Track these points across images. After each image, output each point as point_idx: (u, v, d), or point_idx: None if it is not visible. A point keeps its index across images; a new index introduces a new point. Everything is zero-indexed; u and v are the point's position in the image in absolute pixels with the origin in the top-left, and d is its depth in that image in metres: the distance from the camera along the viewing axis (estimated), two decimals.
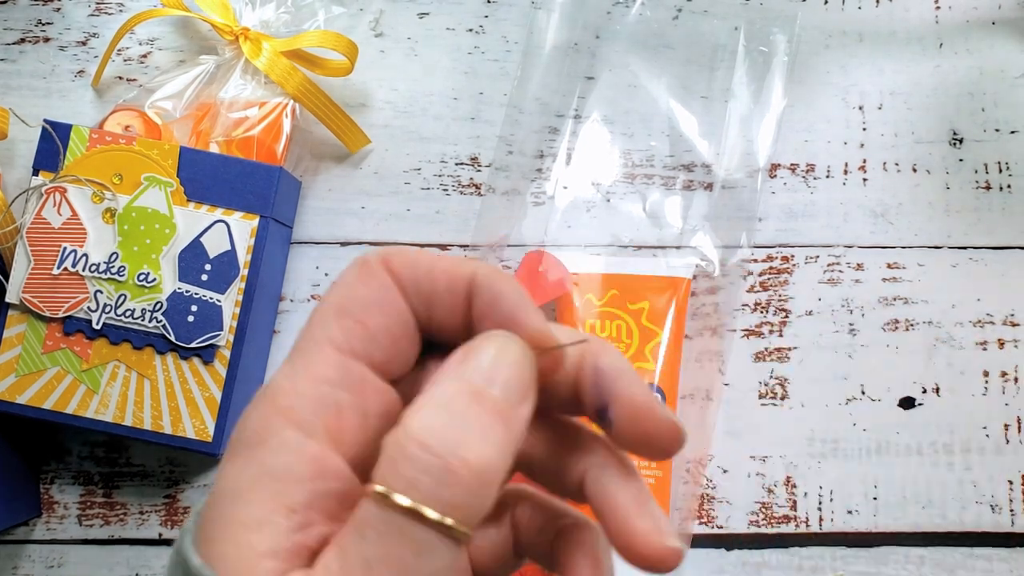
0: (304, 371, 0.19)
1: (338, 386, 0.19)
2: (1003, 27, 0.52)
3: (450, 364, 0.19)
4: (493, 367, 0.19)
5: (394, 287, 0.21)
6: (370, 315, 0.20)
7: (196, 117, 0.47)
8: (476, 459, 0.17)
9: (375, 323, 0.20)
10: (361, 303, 0.20)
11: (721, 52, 0.51)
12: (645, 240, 0.50)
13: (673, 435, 0.20)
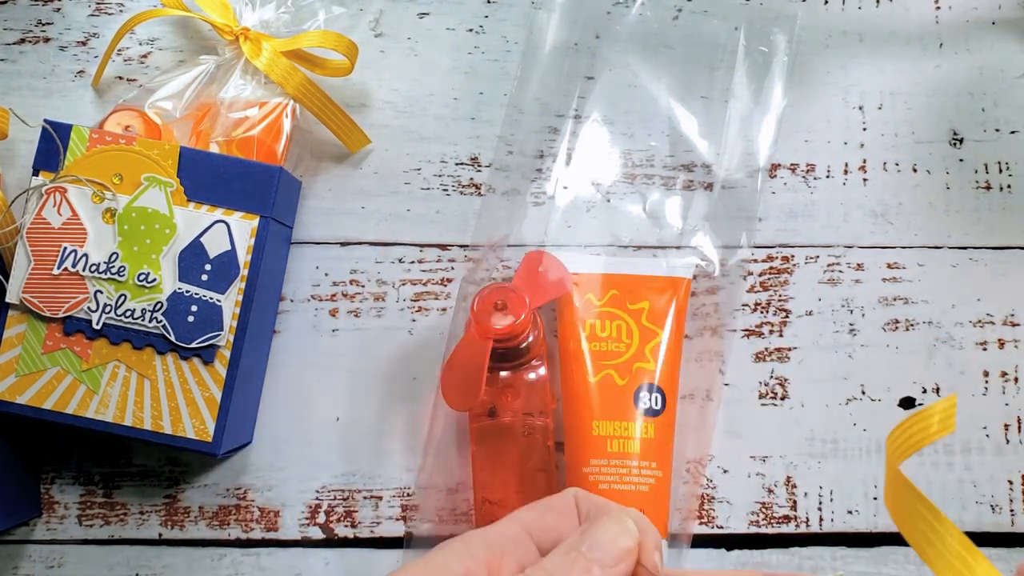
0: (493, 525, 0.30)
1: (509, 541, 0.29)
2: (1003, 27, 0.52)
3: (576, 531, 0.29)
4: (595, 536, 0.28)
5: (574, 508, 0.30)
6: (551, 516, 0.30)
7: (196, 117, 0.47)
8: None
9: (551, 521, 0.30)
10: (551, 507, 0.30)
11: (721, 52, 0.51)
12: (645, 240, 0.50)
13: None
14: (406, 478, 0.47)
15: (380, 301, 0.49)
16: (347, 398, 0.48)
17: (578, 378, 0.45)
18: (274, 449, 0.48)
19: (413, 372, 0.48)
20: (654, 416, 0.44)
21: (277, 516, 0.47)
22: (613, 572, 0.27)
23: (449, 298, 0.49)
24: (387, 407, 0.48)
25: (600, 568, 0.26)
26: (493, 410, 0.45)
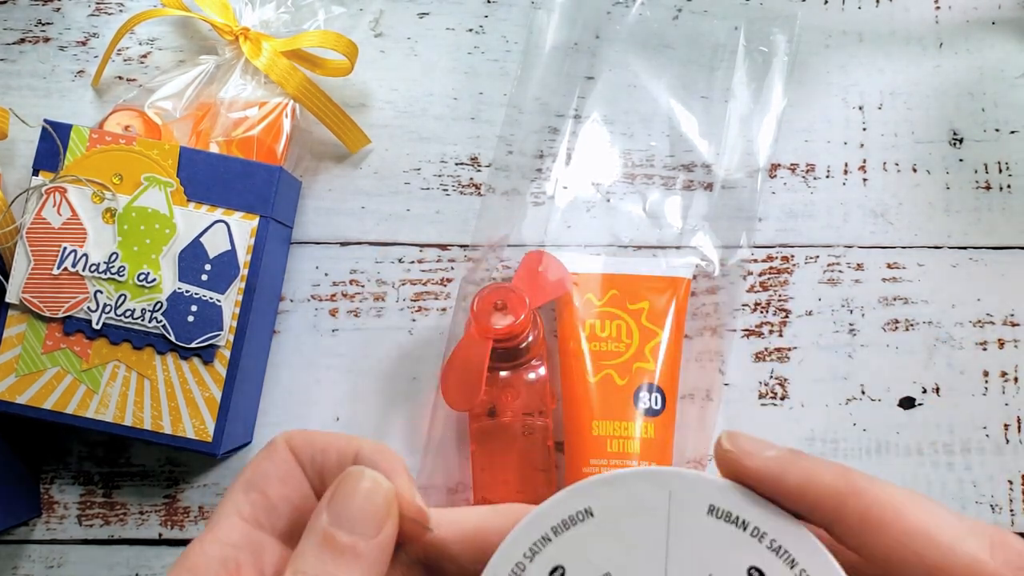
0: (211, 536, 0.23)
1: (239, 548, 0.23)
2: (1003, 27, 0.52)
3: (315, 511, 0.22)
4: (340, 507, 0.22)
5: (295, 463, 0.24)
6: (273, 489, 0.23)
7: (196, 117, 0.47)
8: None
9: (276, 494, 0.23)
10: (265, 477, 0.24)
11: (721, 52, 0.51)
12: (645, 240, 0.50)
13: None
14: None
15: (380, 301, 0.49)
16: (347, 398, 0.48)
17: (578, 378, 0.45)
18: None
19: (413, 372, 0.48)
20: (654, 416, 0.44)
21: None
22: (380, 541, 0.22)
23: (449, 298, 0.49)
24: (387, 407, 0.48)
25: (367, 544, 0.22)
26: (493, 410, 0.45)
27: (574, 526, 0.22)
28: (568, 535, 0.22)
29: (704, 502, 0.21)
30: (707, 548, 0.21)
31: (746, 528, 0.21)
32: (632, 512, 0.21)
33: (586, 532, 0.22)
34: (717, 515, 0.21)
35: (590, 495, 0.22)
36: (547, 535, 0.22)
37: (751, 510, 0.21)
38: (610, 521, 0.22)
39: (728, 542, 0.21)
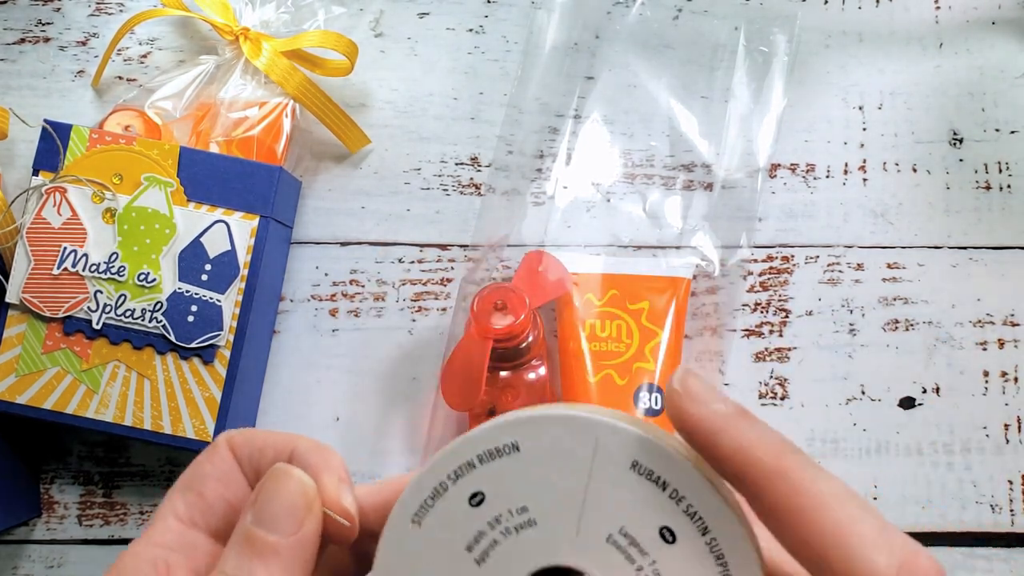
0: (145, 538, 0.23)
1: (172, 549, 0.23)
2: (1003, 27, 0.52)
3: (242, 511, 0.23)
4: (261, 505, 0.22)
5: (234, 462, 0.24)
6: (210, 489, 0.24)
7: (196, 117, 0.47)
8: None
9: (213, 494, 0.24)
10: (203, 478, 0.24)
11: (721, 52, 0.51)
12: (645, 240, 0.50)
13: None
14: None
15: (380, 301, 0.49)
16: (347, 398, 0.48)
17: (578, 378, 0.45)
18: None
19: (413, 372, 0.48)
20: (654, 416, 0.44)
21: None
22: (300, 538, 0.22)
23: (449, 298, 0.49)
24: (387, 407, 0.48)
25: (285, 541, 0.22)
26: (493, 410, 0.45)
27: (500, 458, 0.22)
28: (493, 465, 0.22)
29: (629, 457, 0.22)
30: (624, 501, 0.21)
31: (665, 488, 0.21)
32: (557, 455, 0.22)
33: (510, 465, 0.22)
34: (639, 471, 0.22)
35: (519, 431, 0.22)
36: (472, 461, 0.22)
37: (673, 472, 0.21)
38: (534, 459, 0.22)
39: (645, 499, 0.21)
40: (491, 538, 0.22)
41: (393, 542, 0.22)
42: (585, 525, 0.22)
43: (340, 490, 0.23)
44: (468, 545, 0.22)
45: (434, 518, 0.22)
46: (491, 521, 0.22)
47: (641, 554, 0.22)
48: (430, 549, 0.22)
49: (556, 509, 0.22)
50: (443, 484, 0.22)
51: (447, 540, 0.22)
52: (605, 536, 0.22)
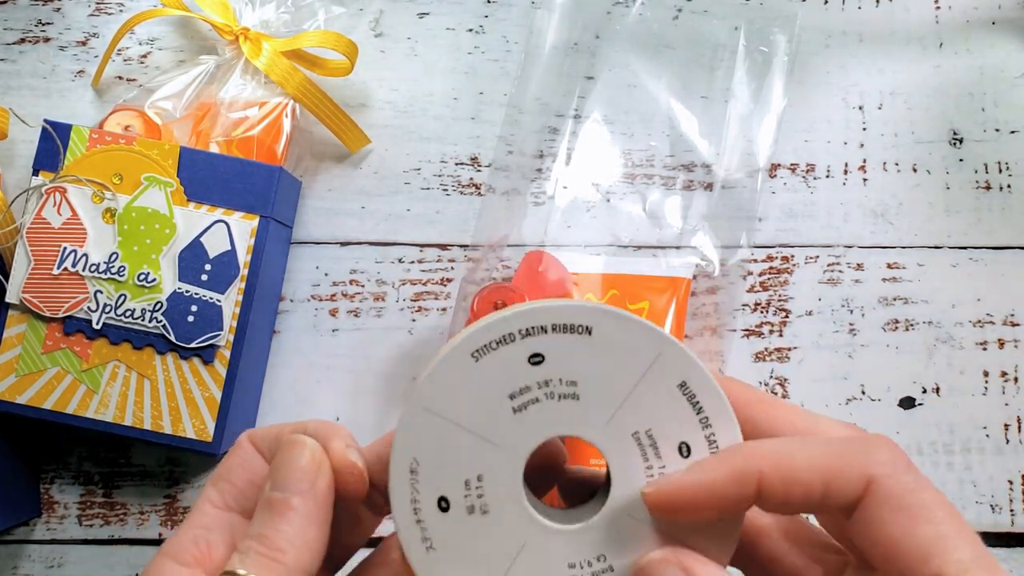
0: (186, 524, 0.26)
1: (210, 528, 0.26)
2: (1003, 27, 0.52)
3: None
4: (276, 473, 0.25)
5: (256, 453, 0.27)
6: (238, 476, 0.27)
7: (196, 117, 0.47)
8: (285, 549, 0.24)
9: (242, 481, 0.26)
10: (231, 469, 0.27)
11: (721, 52, 0.51)
12: (645, 240, 0.50)
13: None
14: None
15: (380, 301, 0.49)
16: (347, 398, 0.48)
17: None
18: None
19: (413, 372, 0.48)
20: None
21: None
22: (314, 494, 0.25)
23: (449, 298, 0.49)
24: (387, 407, 0.48)
25: (300, 500, 0.24)
26: None
27: (571, 333, 0.24)
28: (563, 337, 0.24)
29: (681, 376, 0.24)
30: (660, 409, 0.24)
31: (699, 413, 0.24)
32: (621, 351, 0.24)
33: (577, 343, 0.24)
34: (684, 391, 0.24)
35: (597, 318, 0.24)
36: (546, 327, 0.24)
37: (711, 402, 0.24)
38: (600, 346, 0.24)
39: (679, 415, 0.24)
40: (534, 395, 0.24)
41: (448, 365, 0.24)
42: (619, 416, 0.24)
43: (347, 451, 0.26)
44: (512, 393, 0.24)
45: (492, 359, 0.24)
46: (540, 382, 0.24)
47: (656, 456, 0.24)
48: (478, 383, 0.24)
49: (600, 393, 0.24)
50: (511, 335, 0.24)
51: (496, 381, 0.24)
52: (632, 431, 0.24)
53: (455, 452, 0.24)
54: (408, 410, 0.25)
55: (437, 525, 0.25)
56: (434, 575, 0.25)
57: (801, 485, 0.23)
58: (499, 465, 0.25)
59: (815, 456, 0.23)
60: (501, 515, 0.25)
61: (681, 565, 0.23)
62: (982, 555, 0.21)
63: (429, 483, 0.25)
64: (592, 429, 0.24)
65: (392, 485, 0.25)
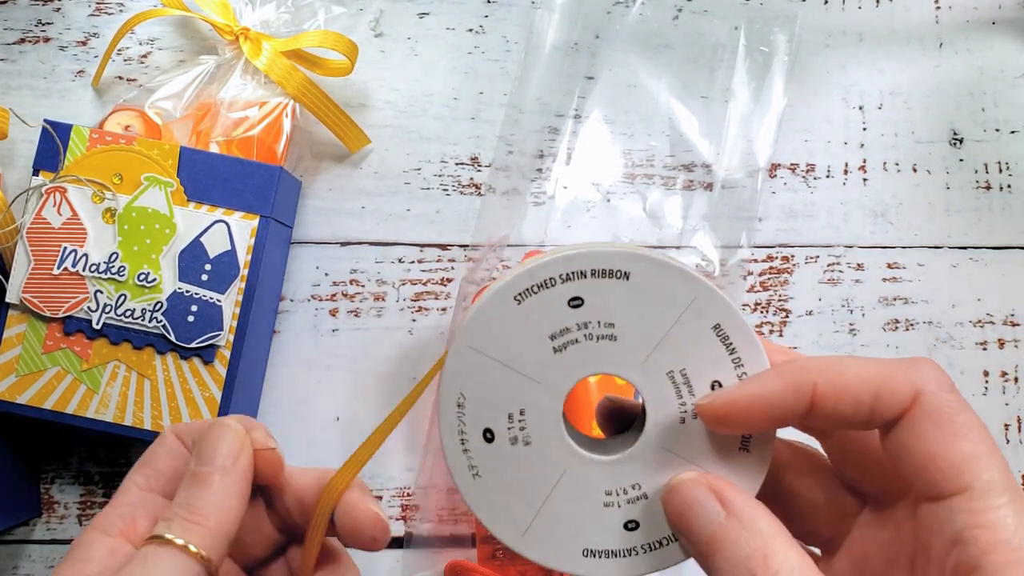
0: (113, 502, 0.28)
1: (135, 506, 0.28)
2: (1003, 27, 0.52)
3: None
4: (201, 450, 0.27)
5: (179, 443, 0.29)
6: (162, 463, 0.29)
7: (196, 117, 0.47)
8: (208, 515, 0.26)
9: (165, 466, 0.29)
10: (156, 456, 0.29)
11: (721, 52, 0.51)
12: (645, 240, 0.50)
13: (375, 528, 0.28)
14: (406, 478, 0.47)
15: (380, 301, 0.49)
16: (347, 398, 0.48)
17: None
18: None
19: (413, 372, 0.48)
20: None
21: None
22: (236, 470, 0.27)
23: (449, 298, 0.49)
24: (387, 407, 0.48)
25: (220, 475, 0.27)
26: None
27: (609, 278, 0.25)
28: (602, 282, 0.25)
29: (715, 319, 0.25)
30: (694, 350, 0.25)
31: (732, 353, 0.25)
32: (658, 295, 0.25)
33: (616, 287, 0.25)
34: (717, 333, 0.25)
35: (635, 264, 0.25)
36: (585, 271, 0.25)
37: (744, 344, 0.25)
38: (638, 291, 0.25)
39: (712, 354, 0.25)
40: (574, 336, 0.26)
41: (491, 307, 0.26)
42: (655, 356, 0.25)
43: (266, 438, 0.29)
44: (552, 334, 0.26)
45: (534, 302, 0.25)
46: (580, 324, 0.25)
47: (689, 394, 0.26)
48: (520, 324, 0.26)
49: (637, 335, 0.25)
50: (552, 280, 0.25)
51: (537, 322, 0.26)
52: (667, 370, 0.26)
53: (498, 388, 0.26)
54: (454, 348, 0.26)
55: (483, 454, 0.26)
56: (480, 500, 0.27)
57: (852, 396, 0.23)
58: (540, 400, 0.26)
59: (866, 370, 0.24)
60: (542, 446, 0.26)
61: (710, 485, 0.25)
62: (1010, 479, 0.22)
63: (475, 416, 0.26)
64: (628, 368, 0.26)
65: (441, 417, 0.26)
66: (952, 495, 0.22)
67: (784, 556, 0.23)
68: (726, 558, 0.23)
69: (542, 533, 0.27)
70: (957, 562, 0.22)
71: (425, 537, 0.47)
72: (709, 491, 0.25)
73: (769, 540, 0.23)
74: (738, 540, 0.23)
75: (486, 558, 0.44)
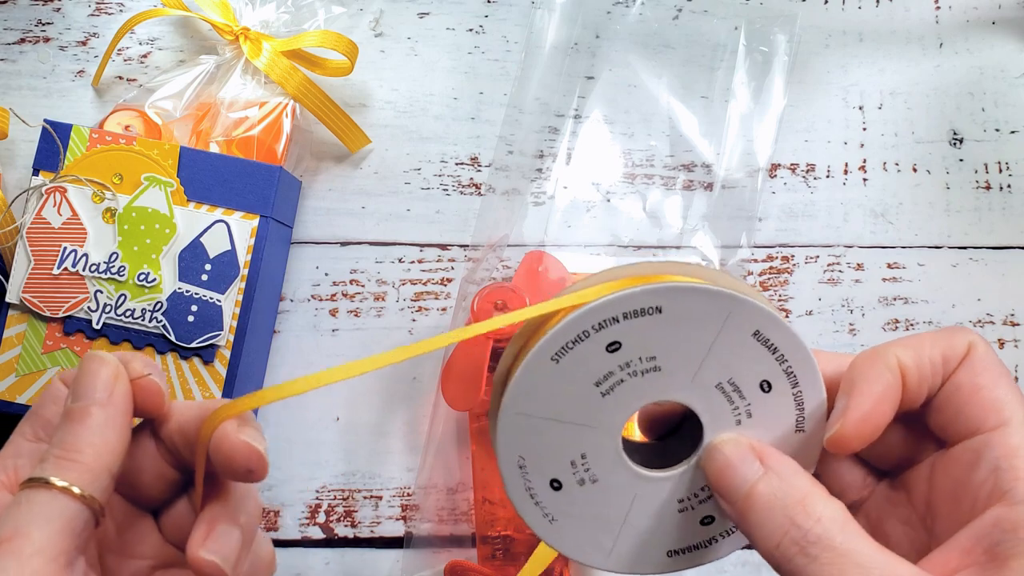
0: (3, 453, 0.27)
1: (20, 456, 0.27)
2: (1003, 27, 0.52)
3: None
4: (76, 386, 0.26)
5: (64, 388, 0.28)
6: (47, 410, 0.28)
7: (196, 117, 0.47)
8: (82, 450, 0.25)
9: (51, 413, 0.28)
10: (42, 403, 0.28)
11: (721, 52, 0.51)
12: (645, 240, 0.50)
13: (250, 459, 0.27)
14: (406, 478, 0.47)
15: (380, 301, 0.49)
16: (347, 398, 0.48)
17: None
18: (274, 449, 0.48)
19: (413, 372, 0.48)
20: None
21: (277, 516, 0.47)
22: (112, 402, 0.26)
23: (449, 298, 0.49)
24: (387, 407, 0.48)
25: (98, 407, 0.26)
26: None
27: (643, 316, 0.25)
28: (635, 322, 0.25)
29: (753, 327, 0.25)
30: (738, 359, 0.26)
31: (775, 352, 0.26)
32: (693, 320, 0.25)
33: (650, 323, 0.25)
34: (758, 339, 0.26)
35: (665, 297, 0.25)
36: (617, 317, 0.25)
37: (784, 340, 0.26)
38: (673, 321, 0.25)
39: (756, 358, 0.26)
40: (619, 377, 0.26)
41: (530, 372, 0.26)
42: (701, 374, 0.26)
43: (145, 368, 0.28)
44: (597, 381, 0.26)
45: (572, 358, 0.25)
46: (622, 364, 0.26)
47: (740, 398, 0.26)
48: (562, 380, 0.26)
49: (680, 360, 0.26)
50: (585, 332, 0.25)
51: (579, 375, 0.26)
52: (715, 383, 0.26)
53: (555, 443, 0.26)
54: (503, 418, 0.26)
55: (554, 502, 0.27)
56: (561, 540, 0.28)
57: (929, 361, 0.26)
58: (598, 442, 0.26)
59: (926, 338, 0.26)
60: (609, 480, 0.27)
61: (750, 444, 0.26)
62: None
63: (538, 471, 0.27)
64: (677, 391, 0.26)
65: (506, 482, 0.27)
66: (992, 429, 0.25)
67: (824, 505, 0.24)
68: (765, 510, 0.24)
69: (626, 550, 0.28)
70: (991, 489, 0.24)
71: (425, 537, 0.47)
72: (749, 449, 0.26)
73: (808, 492, 0.24)
74: (777, 493, 0.24)
75: (486, 558, 0.44)
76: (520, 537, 0.44)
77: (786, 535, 0.24)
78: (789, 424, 0.27)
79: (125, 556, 0.29)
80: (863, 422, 0.25)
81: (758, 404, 0.26)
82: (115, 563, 0.28)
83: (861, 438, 0.26)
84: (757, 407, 0.26)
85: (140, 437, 0.29)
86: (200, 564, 0.26)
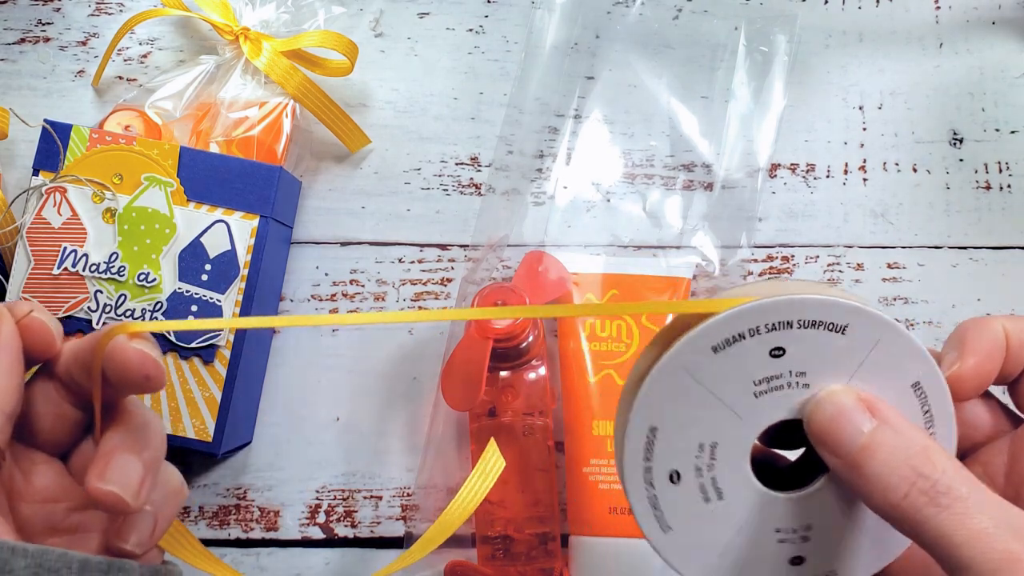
0: None
1: None
2: (1003, 27, 0.52)
3: None
4: None
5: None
6: None
7: (196, 117, 0.47)
8: None
9: None
10: None
11: (721, 52, 0.51)
12: (645, 240, 0.50)
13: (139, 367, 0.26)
14: (406, 478, 0.47)
15: (380, 301, 0.49)
16: (347, 398, 0.48)
17: (578, 378, 0.45)
18: (274, 449, 0.48)
19: (413, 372, 0.48)
20: None
21: (277, 516, 0.47)
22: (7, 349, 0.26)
23: (449, 298, 0.49)
24: (387, 407, 0.48)
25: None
26: (493, 410, 0.45)
27: (817, 329, 0.25)
28: (807, 332, 0.25)
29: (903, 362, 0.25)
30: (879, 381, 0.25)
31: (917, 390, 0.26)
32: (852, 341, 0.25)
33: (820, 338, 0.25)
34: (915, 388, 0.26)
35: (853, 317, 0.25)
36: (792, 322, 0.25)
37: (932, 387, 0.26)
38: (849, 342, 0.25)
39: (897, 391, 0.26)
40: (774, 384, 0.25)
41: (685, 355, 0.25)
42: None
43: (32, 308, 0.28)
44: (755, 380, 0.25)
45: (733, 350, 0.25)
46: (775, 374, 0.25)
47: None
48: (717, 373, 0.25)
49: (828, 379, 0.25)
50: (757, 328, 0.25)
51: (736, 370, 0.25)
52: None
53: (698, 417, 0.26)
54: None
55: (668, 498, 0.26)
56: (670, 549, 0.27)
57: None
58: (735, 436, 0.26)
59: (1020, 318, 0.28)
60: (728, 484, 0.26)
61: (859, 395, 0.25)
62: None
63: (664, 452, 0.26)
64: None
65: (626, 451, 0.26)
66: None
67: (944, 456, 0.24)
68: (885, 461, 0.24)
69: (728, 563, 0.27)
70: None
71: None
72: (859, 401, 0.25)
73: (928, 443, 0.24)
74: (895, 443, 0.24)
75: (486, 558, 0.44)
76: (520, 537, 0.44)
77: (913, 485, 0.23)
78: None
79: (38, 502, 0.29)
80: (977, 367, 0.26)
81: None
82: (29, 511, 0.28)
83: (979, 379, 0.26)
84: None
85: (37, 381, 0.28)
86: (99, 495, 0.26)
